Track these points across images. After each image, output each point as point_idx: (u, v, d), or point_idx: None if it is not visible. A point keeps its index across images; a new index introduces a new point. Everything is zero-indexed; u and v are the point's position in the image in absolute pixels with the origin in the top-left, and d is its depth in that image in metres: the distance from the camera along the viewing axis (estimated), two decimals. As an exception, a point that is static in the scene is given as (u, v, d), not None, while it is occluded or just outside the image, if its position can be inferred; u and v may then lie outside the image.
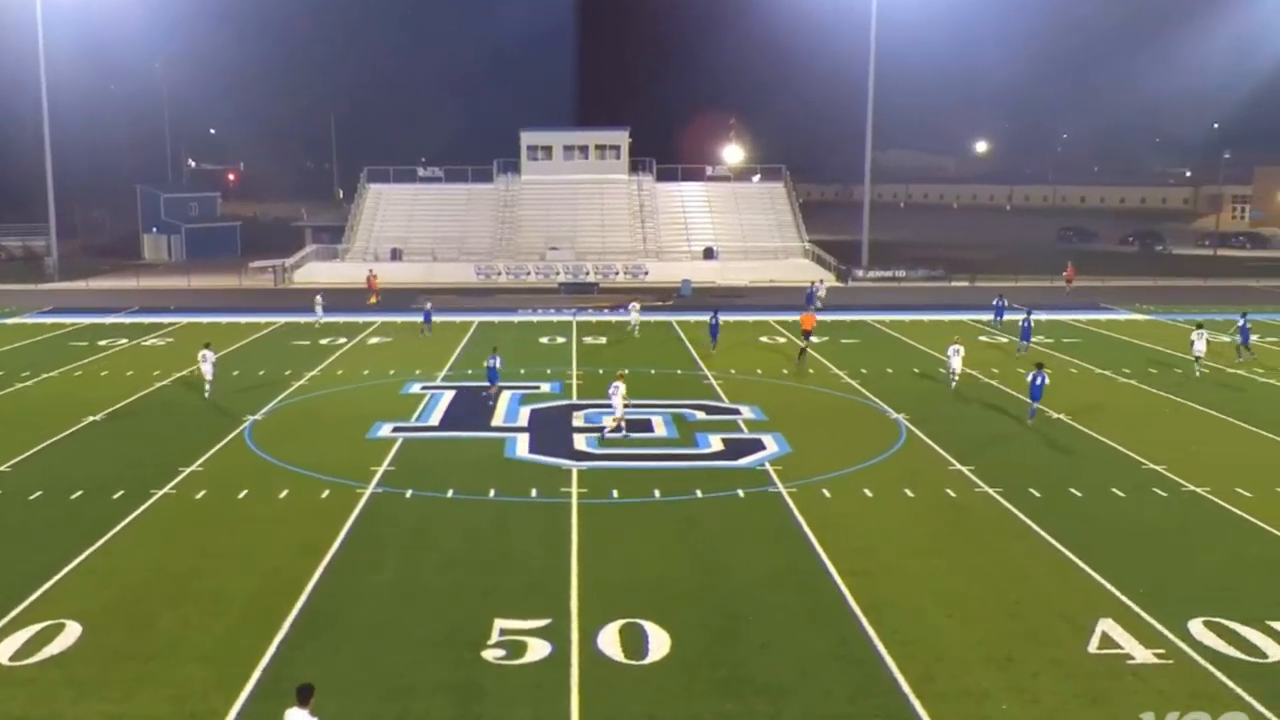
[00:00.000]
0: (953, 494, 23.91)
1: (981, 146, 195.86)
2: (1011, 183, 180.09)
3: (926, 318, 51.87)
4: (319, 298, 51.72)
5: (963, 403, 33.63)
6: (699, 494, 23.84)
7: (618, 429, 28.95)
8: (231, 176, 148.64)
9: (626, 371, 33.18)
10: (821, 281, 60.35)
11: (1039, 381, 30.38)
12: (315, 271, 71.48)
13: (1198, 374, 37.58)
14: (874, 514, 22.69)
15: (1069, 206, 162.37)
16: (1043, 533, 21.33)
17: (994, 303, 50.97)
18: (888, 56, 75.78)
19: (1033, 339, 43.43)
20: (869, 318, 52.15)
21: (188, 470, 25.47)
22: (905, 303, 57.35)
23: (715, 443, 28.26)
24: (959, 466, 25.96)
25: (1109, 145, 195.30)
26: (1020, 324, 43.62)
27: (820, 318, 47.98)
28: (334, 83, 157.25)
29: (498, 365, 33.93)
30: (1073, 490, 24.07)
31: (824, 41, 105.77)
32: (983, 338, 46.53)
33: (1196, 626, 16.97)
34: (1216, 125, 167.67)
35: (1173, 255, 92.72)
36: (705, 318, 46.08)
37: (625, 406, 29.21)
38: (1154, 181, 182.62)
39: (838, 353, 42.53)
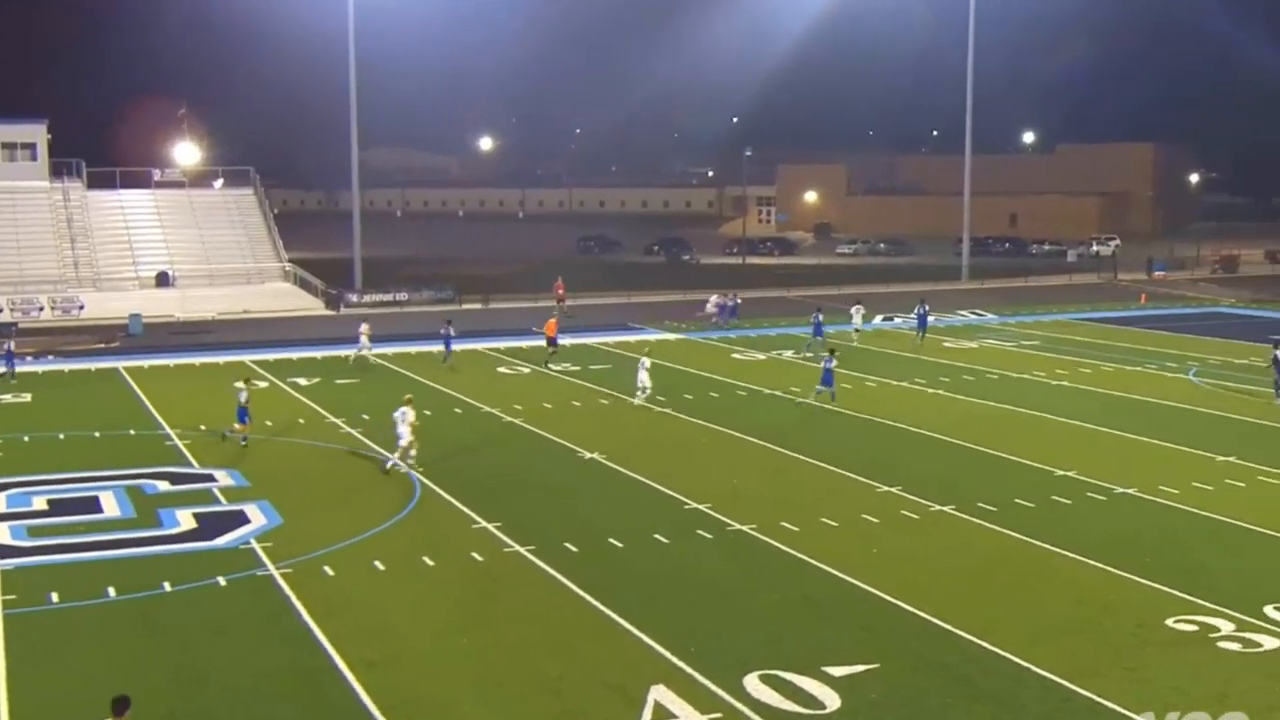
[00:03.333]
0: (479, 557, 24.45)
1: (487, 144, 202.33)
2: (524, 185, 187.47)
3: (435, 348, 52.66)
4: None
5: (483, 449, 34.49)
6: (168, 586, 22.81)
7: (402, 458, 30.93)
8: None
9: (411, 396, 32.67)
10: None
11: (829, 365, 39.21)
12: None
13: (855, 342, 52.14)
14: (389, 591, 22.72)
15: (588, 212, 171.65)
16: (583, 593, 22.29)
17: (727, 303, 60.70)
18: (370, 37, 76.54)
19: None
20: (367, 351, 52.15)
21: None
22: (411, 331, 57.97)
23: (185, 520, 27.20)
24: (484, 524, 26.58)
25: (627, 143, 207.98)
26: (811, 319, 52.27)
27: (327, 353, 47.45)
28: None
29: (244, 400, 33.93)
30: (612, 540, 25.35)
31: (294, 17, 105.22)
32: (504, 368, 48.00)
33: (752, 682, 18.38)
34: (736, 119, 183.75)
35: (701, 265, 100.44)
36: (173, 359, 44.03)
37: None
38: (676, 182, 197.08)
39: (332, 396, 42.25)
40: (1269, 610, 20.96)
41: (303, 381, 44.69)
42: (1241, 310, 68.91)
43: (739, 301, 62.44)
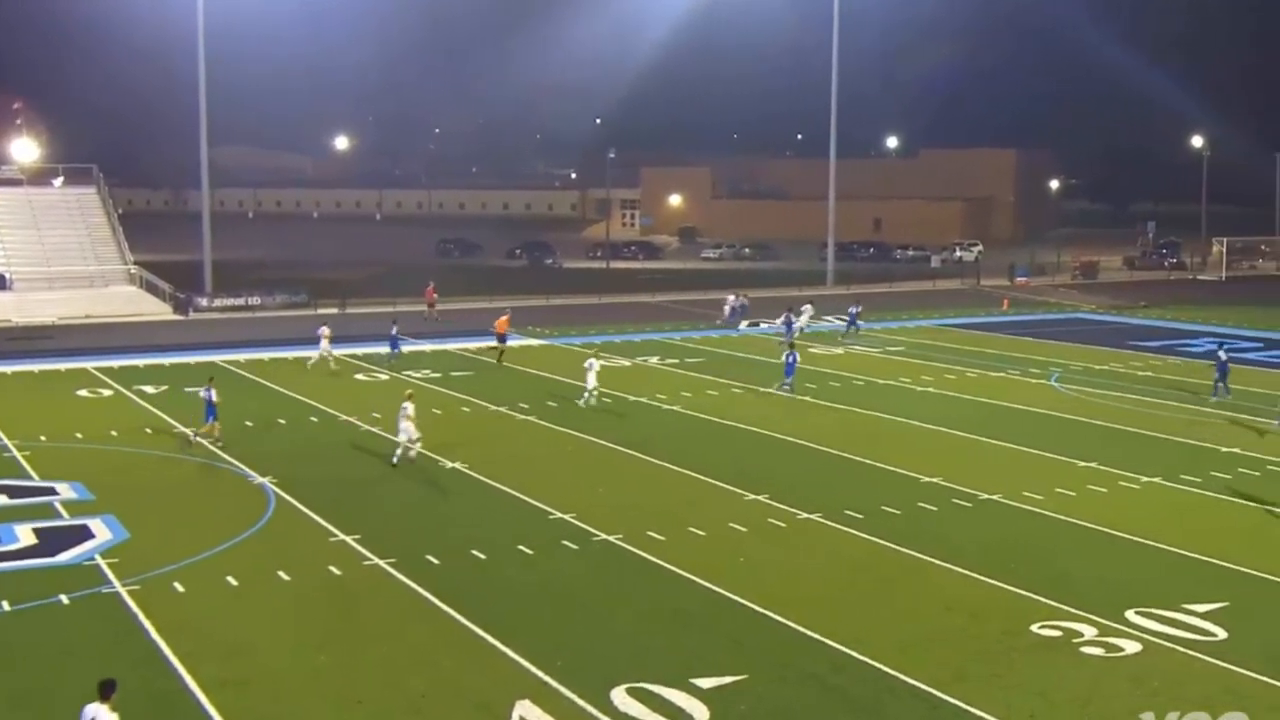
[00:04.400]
0: (337, 571, 24.19)
1: (343, 144, 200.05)
2: (381, 186, 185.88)
3: (290, 354, 51.99)
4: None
5: (341, 459, 34.11)
6: (6, 606, 22.18)
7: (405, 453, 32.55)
8: None
9: (412, 391, 33.68)
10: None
11: (791, 360, 43.30)
12: None
13: (800, 332, 55.25)
14: (242, 607, 22.37)
15: (447, 214, 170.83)
16: (446, 607, 22.17)
17: (744, 303, 64.16)
18: (219, 31, 75.22)
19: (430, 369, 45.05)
20: (218, 357, 51.32)
21: None
22: (264, 337, 57.15)
23: (25, 535, 26.49)
24: (342, 536, 26.30)
25: (487, 143, 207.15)
26: (782, 318, 56.26)
27: (175, 360, 46.57)
28: None
29: (212, 397, 34.34)
30: (475, 552, 25.25)
31: (137, 7, 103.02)
32: (361, 374, 47.52)
33: (620, 696, 18.44)
34: (599, 120, 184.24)
35: (565, 270, 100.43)
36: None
37: None
38: (539, 184, 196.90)
39: (178, 404, 41.35)
40: (1130, 615, 21.62)
41: (150, 389, 43.72)
42: (1102, 316, 71.03)
43: (747, 303, 66.56)
